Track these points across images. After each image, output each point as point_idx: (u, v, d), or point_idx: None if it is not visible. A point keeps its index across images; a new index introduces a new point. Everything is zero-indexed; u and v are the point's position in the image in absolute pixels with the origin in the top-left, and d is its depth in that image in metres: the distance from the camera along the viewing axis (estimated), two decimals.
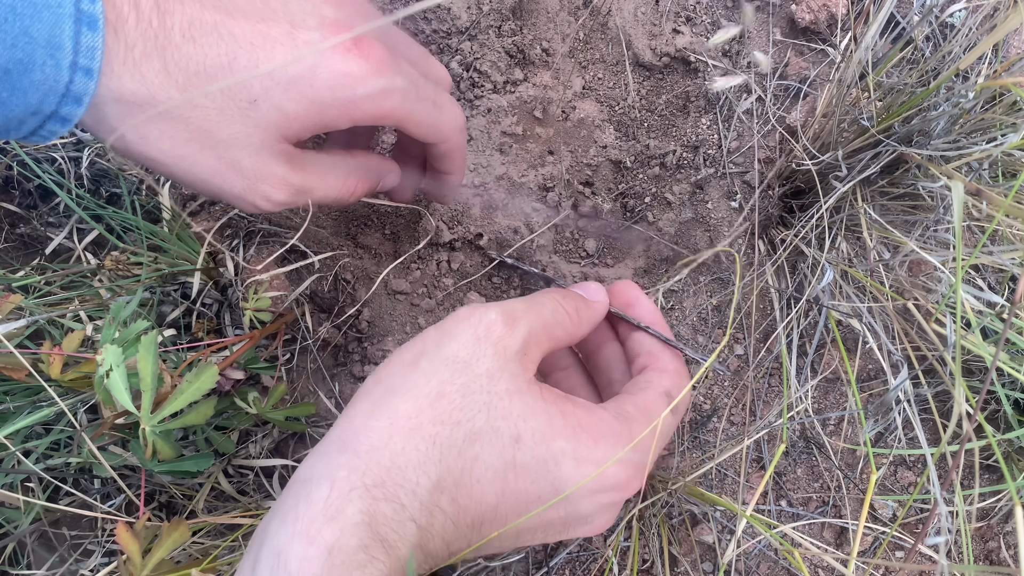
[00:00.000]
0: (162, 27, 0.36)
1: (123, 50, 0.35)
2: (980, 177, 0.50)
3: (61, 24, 0.33)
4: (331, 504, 0.32)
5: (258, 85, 0.38)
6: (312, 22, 0.39)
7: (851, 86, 0.53)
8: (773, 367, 0.63)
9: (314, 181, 0.44)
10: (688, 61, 0.64)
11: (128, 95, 0.36)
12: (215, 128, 0.38)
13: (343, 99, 0.39)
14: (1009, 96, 0.50)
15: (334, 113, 0.40)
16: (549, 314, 0.43)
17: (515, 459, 0.37)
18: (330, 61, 0.38)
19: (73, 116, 0.36)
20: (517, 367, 0.39)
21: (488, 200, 0.62)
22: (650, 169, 0.64)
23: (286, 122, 0.39)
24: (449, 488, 0.36)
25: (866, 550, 0.64)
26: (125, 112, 0.37)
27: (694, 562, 0.61)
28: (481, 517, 0.37)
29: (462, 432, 0.36)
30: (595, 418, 0.40)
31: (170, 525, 0.42)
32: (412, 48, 0.47)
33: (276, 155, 0.41)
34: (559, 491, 0.38)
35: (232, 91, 0.38)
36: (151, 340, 0.40)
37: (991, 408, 0.63)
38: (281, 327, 0.58)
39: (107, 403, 0.41)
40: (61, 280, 0.57)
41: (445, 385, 0.37)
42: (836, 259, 0.56)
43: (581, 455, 0.38)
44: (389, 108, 0.41)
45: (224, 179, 0.40)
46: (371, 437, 0.35)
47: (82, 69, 0.35)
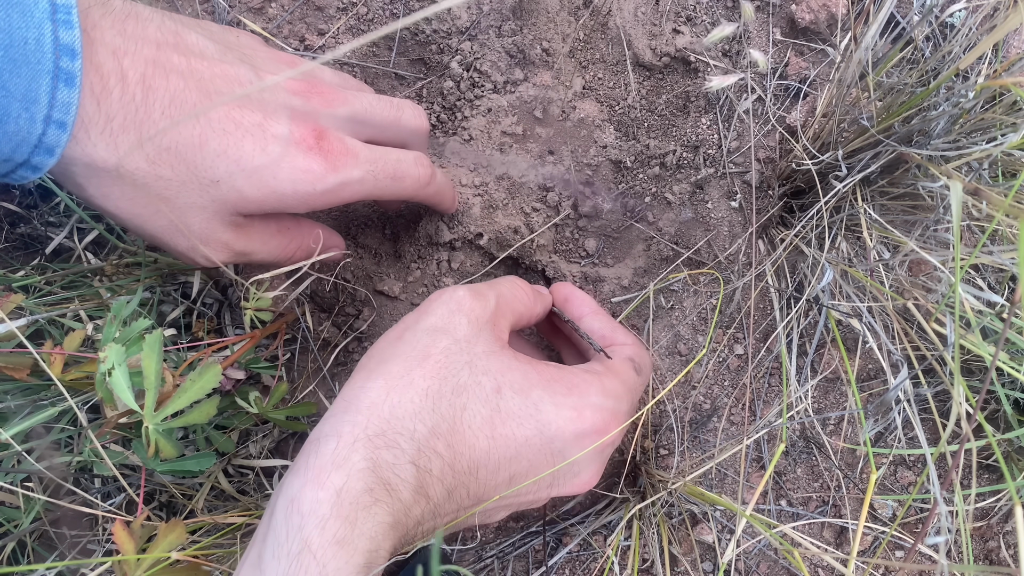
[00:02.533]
0: (144, 102, 0.38)
1: (103, 120, 0.37)
2: (980, 177, 0.50)
3: (39, 80, 0.35)
4: (338, 454, 0.36)
5: (222, 168, 0.41)
6: (282, 115, 0.43)
7: (851, 86, 0.53)
8: (773, 367, 0.63)
9: (256, 246, 0.47)
10: (688, 61, 0.64)
11: (99, 161, 0.38)
12: (174, 197, 0.41)
13: (303, 193, 0.43)
14: (1009, 96, 0.50)
15: (293, 203, 0.44)
16: (508, 292, 0.49)
17: (499, 406, 0.41)
18: (293, 157, 0.42)
19: (44, 165, 0.38)
20: (490, 333, 0.44)
21: (488, 200, 0.62)
22: (650, 169, 0.64)
23: (243, 202, 0.43)
24: (444, 434, 0.39)
25: (866, 550, 0.64)
26: (92, 174, 0.39)
27: (694, 561, 0.61)
28: (476, 462, 0.40)
29: (449, 385, 0.40)
30: (566, 372, 0.46)
31: (167, 526, 0.42)
32: (384, 115, 0.50)
33: (225, 223, 0.44)
34: (543, 433, 0.42)
35: (197, 169, 0.40)
36: (156, 338, 0.40)
37: (991, 408, 0.63)
38: (282, 327, 0.58)
39: (108, 402, 0.41)
40: (61, 280, 0.57)
41: (429, 348, 0.42)
42: (836, 259, 0.56)
43: (558, 401, 0.43)
44: (347, 197, 0.46)
45: (172, 238, 0.43)
46: (370, 396, 0.39)
47: (56, 122, 0.36)
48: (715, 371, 0.63)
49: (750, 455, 0.63)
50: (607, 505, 0.62)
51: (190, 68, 0.40)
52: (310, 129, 0.43)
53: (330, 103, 0.46)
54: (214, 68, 0.41)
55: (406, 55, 0.65)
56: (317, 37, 0.63)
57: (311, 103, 0.45)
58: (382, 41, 0.64)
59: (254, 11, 0.63)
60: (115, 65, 0.37)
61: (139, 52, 0.38)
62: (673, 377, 0.63)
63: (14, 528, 0.52)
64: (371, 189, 0.47)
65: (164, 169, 0.40)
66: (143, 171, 0.39)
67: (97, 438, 0.43)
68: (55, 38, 0.35)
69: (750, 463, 0.63)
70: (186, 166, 0.40)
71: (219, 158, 0.40)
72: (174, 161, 0.40)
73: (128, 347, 0.43)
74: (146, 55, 0.38)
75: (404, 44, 0.64)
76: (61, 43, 0.35)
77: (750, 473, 0.63)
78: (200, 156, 0.40)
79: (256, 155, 0.41)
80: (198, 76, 0.40)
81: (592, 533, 0.61)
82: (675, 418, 0.62)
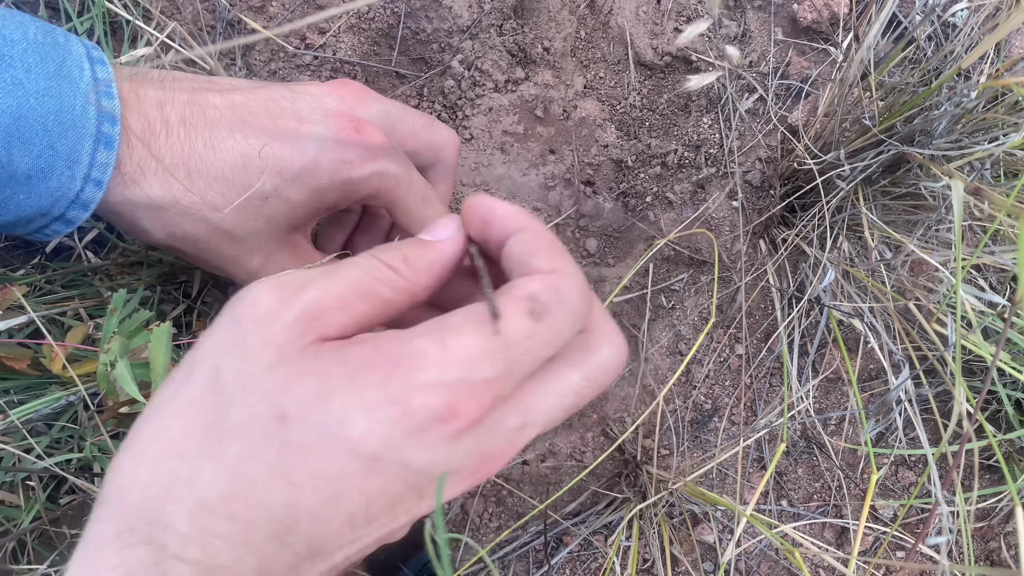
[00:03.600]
0: (188, 139, 0.41)
1: (154, 162, 0.41)
2: (982, 177, 0.50)
3: (83, 142, 0.39)
4: (88, 564, 0.28)
5: (269, 184, 0.42)
6: (317, 116, 0.44)
7: (853, 85, 0.53)
8: (774, 367, 0.63)
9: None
10: (690, 60, 0.64)
11: (157, 199, 0.41)
12: (231, 227, 0.43)
13: (340, 182, 0.44)
14: (1011, 96, 0.50)
15: (333, 196, 0.45)
16: (360, 273, 0.33)
17: (287, 442, 0.29)
18: (331, 150, 0.43)
19: (78, 220, 0.41)
20: (287, 337, 0.30)
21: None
22: (651, 168, 0.64)
23: (292, 211, 0.44)
24: (219, 507, 0.28)
25: (867, 550, 0.64)
26: (156, 214, 0.42)
27: (695, 561, 0.61)
28: (285, 525, 0.29)
29: (214, 435, 0.29)
30: (390, 345, 0.31)
31: None
32: (414, 119, 0.51)
33: (281, 245, 0.46)
34: (361, 454, 0.29)
35: (244, 190, 0.42)
36: (164, 330, 0.41)
37: (992, 408, 0.63)
38: None
39: (111, 394, 0.41)
40: (62, 279, 0.57)
41: (194, 389, 0.30)
42: (837, 259, 0.56)
43: (369, 399, 0.29)
44: (383, 189, 0.45)
45: (235, 267, 0.46)
46: (118, 477, 0.29)
47: (93, 181, 0.40)
48: (716, 371, 0.63)
49: (751, 455, 0.63)
50: (608, 505, 0.62)
51: (226, 100, 0.43)
52: (347, 120, 0.44)
53: (363, 100, 0.47)
54: (248, 94, 0.44)
55: (407, 54, 0.65)
56: (318, 36, 0.63)
57: (346, 100, 0.46)
58: (383, 40, 0.64)
59: (254, 10, 0.63)
60: (159, 113, 0.41)
61: (178, 98, 0.42)
62: (674, 376, 0.63)
63: (14, 528, 0.52)
64: (403, 196, 0.47)
65: (216, 198, 0.42)
66: (197, 204, 0.42)
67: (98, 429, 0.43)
68: (98, 105, 0.39)
69: (751, 463, 0.63)
70: (235, 190, 0.42)
71: (263, 173, 0.42)
72: (223, 188, 0.42)
73: (130, 338, 0.43)
74: (184, 99, 0.42)
75: (405, 43, 0.64)
76: (104, 110, 0.39)
77: (751, 473, 0.63)
78: (245, 176, 0.42)
79: (296, 160, 0.42)
80: (234, 104, 0.43)
81: (593, 533, 0.61)
82: (676, 418, 0.62)
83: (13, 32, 0.37)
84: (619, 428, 0.62)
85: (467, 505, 0.61)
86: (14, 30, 0.37)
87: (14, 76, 0.36)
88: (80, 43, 0.40)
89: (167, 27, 0.61)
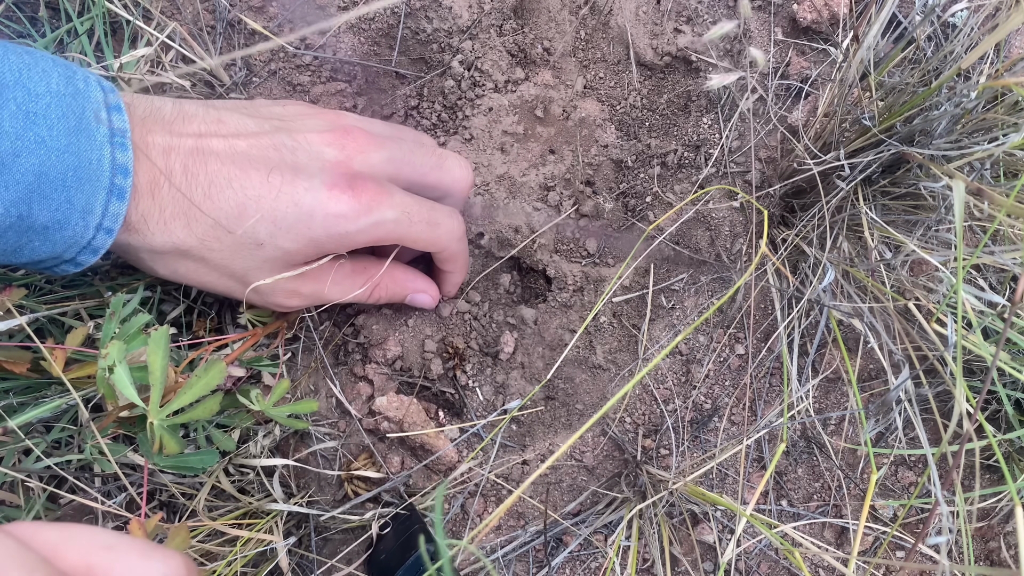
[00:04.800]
0: (188, 189, 0.43)
1: (157, 212, 0.43)
2: (982, 177, 0.50)
3: (97, 194, 0.40)
4: None
5: (263, 231, 0.45)
6: (315, 167, 0.45)
7: (853, 86, 0.53)
8: (774, 367, 0.63)
9: (327, 288, 0.51)
10: (690, 60, 0.64)
11: (159, 247, 0.44)
12: (230, 264, 0.46)
13: (337, 235, 0.46)
14: (1011, 96, 0.50)
15: (331, 246, 0.47)
16: None
17: None
18: (325, 204, 0.45)
19: (87, 262, 0.43)
20: None
21: (489, 199, 0.62)
22: (651, 168, 0.64)
23: (288, 256, 0.46)
24: None
25: (867, 550, 0.64)
26: (158, 257, 0.45)
27: (695, 562, 0.61)
28: None
29: None
30: None
31: (173, 530, 0.42)
32: (422, 161, 0.52)
33: (286, 272, 0.48)
34: None
35: (241, 237, 0.44)
36: (162, 335, 0.41)
37: (992, 408, 0.63)
38: (282, 326, 0.58)
39: (110, 398, 0.41)
40: (62, 279, 0.57)
41: None
42: (837, 259, 0.56)
43: None
44: (381, 236, 0.47)
45: (242, 294, 0.48)
46: None
47: (105, 229, 0.42)
48: (716, 371, 0.63)
49: (751, 455, 0.63)
50: (608, 505, 0.62)
51: (228, 147, 0.44)
52: (341, 174, 0.46)
53: (364, 149, 0.48)
54: (250, 141, 0.45)
55: (407, 54, 0.65)
56: (318, 36, 0.63)
57: (345, 150, 0.47)
58: (383, 40, 0.64)
59: (255, 10, 0.63)
60: (164, 163, 0.43)
61: (183, 146, 0.43)
62: (674, 376, 0.63)
63: None
64: (405, 231, 0.48)
65: (213, 243, 0.44)
66: (196, 248, 0.44)
67: (101, 431, 0.43)
68: (112, 159, 0.40)
69: (751, 463, 0.63)
70: (231, 237, 0.44)
71: (258, 223, 0.44)
72: (220, 234, 0.44)
73: (129, 342, 0.43)
74: (188, 147, 0.43)
75: (405, 43, 0.64)
76: (117, 163, 0.41)
77: (751, 473, 0.63)
78: (240, 224, 0.44)
79: (290, 211, 0.44)
80: (235, 153, 0.44)
81: (593, 533, 0.61)
82: (676, 418, 0.62)
83: (38, 84, 0.38)
84: (619, 428, 0.62)
85: (467, 505, 0.61)
86: (38, 82, 0.38)
87: (37, 134, 0.37)
88: (98, 86, 0.41)
89: (167, 27, 0.61)
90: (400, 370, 0.61)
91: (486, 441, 0.61)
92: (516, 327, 0.62)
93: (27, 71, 0.37)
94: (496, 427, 0.61)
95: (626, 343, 0.63)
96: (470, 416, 0.61)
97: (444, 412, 0.61)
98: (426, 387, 0.61)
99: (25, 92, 0.37)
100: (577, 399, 0.62)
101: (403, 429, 0.58)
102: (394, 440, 0.60)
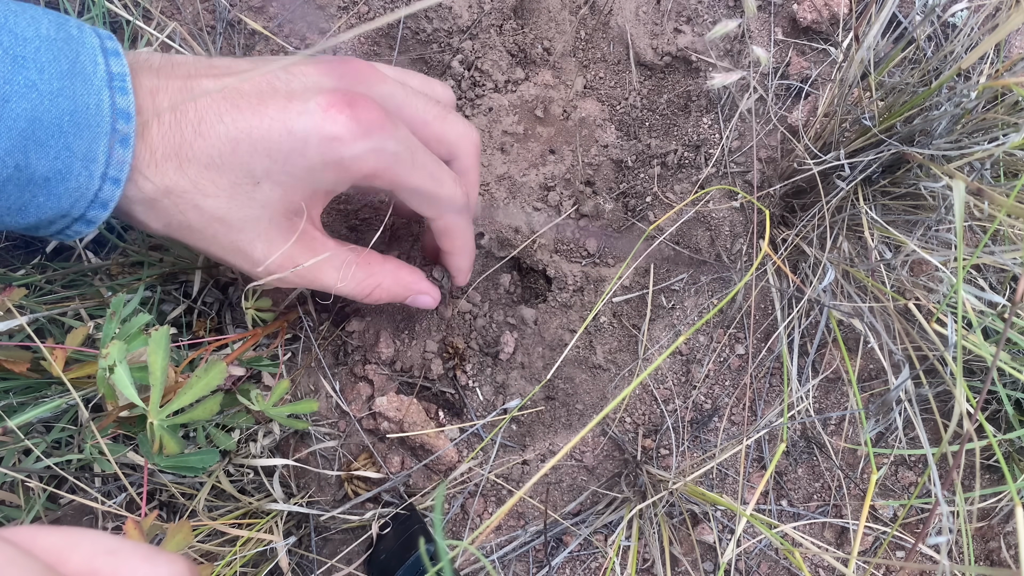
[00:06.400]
0: (177, 128, 0.40)
1: (148, 155, 0.40)
2: (982, 177, 0.50)
3: (98, 141, 0.38)
4: None
5: (259, 166, 0.41)
6: (309, 94, 0.42)
7: (853, 85, 0.53)
8: (774, 367, 0.63)
9: (324, 267, 0.47)
10: (690, 60, 0.64)
11: (150, 193, 0.40)
12: (226, 214, 0.42)
13: (332, 161, 0.41)
14: (1011, 96, 0.50)
15: (328, 176, 0.42)
16: None
17: None
18: (320, 126, 0.41)
19: (98, 219, 0.40)
20: None
21: (489, 199, 0.62)
22: (651, 168, 0.64)
23: (287, 195, 0.43)
24: None
25: (867, 550, 0.64)
26: (151, 208, 0.41)
27: (695, 562, 0.61)
28: None
29: None
30: None
31: (175, 527, 0.42)
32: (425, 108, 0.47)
33: (283, 232, 0.44)
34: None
35: (236, 175, 0.41)
36: (162, 335, 0.41)
37: (992, 408, 0.63)
38: (283, 325, 0.58)
39: (110, 398, 0.41)
40: (62, 279, 0.57)
41: None
42: (837, 259, 0.56)
43: None
44: (379, 169, 0.43)
45: (237, 258, 0.44)
46: None
47: (111, 179, 0.39)
48: (716, 371, 0.63)
49: (751, 455, 0.63)
50: (608, 505, 0.62)
51: (219, 84, 0.42)
52: (339, 96, 0.41)
53: (365, 78, 0.44)
54: (242, 76, 0.42)
55: (407, 53, 0.65)
56: (318, 36, 0.63)
57: (344, 79, 0.43)
58: (383, 40, 0.64)
59: (255, 10, 0.63)
60: (151, 103, 0.40)
61: (171, 86, 0.41)
62: (674, 376, 0.63)
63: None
64: (406, 173, 0.44)
65: (208, 186, 0.41)
66: (190, 192, 0.41)
67: (100, 431, 0.43)
68: (113, 103, 0.38)
69: (751, 463, 0.63)
70: (226, 177, 0.41)
71: (252, 157, 0.41)
72: (214, 176, 0.41)
73: (129, 342, 0.43)
74: (176, 86, 0.41)
75: (405, 43, 0.64)
76: (118, 107, 0.38)
77: (751, 473, 0.63)
78: (234, 161, 0.41)
79: (285, 141, 0.41)
80: (226, 88, 0.41)
81: (593, 533, 0.61)
82: (676, 418, 0.62)
83: (25, 29, 0.36)
84: (619, 428, 0.62)
85: (467, 505, 0.61)
86: (26, 27, 0.36)
87: (27, 78, 0.35)
88: (94, 33, 0.39)
89: (167, 27, 0.61)
90: (400, 370, 0.61)
91: (486, 441, 0.61)
92: (516, 327, 0.62)
93: (14, 17, 0.36)
94: (496, 427, 0.61)
95: (626, 343, 0.63)
96: (470, 416, 0.61)
97: (444, 412, 0.61)
98: (426, 387, 0.61)
99: (12, 36, 0.35)
100: (577, 399, 0.62)
101: (403, 429, 0.58)
102: (394, 440, 0.60)
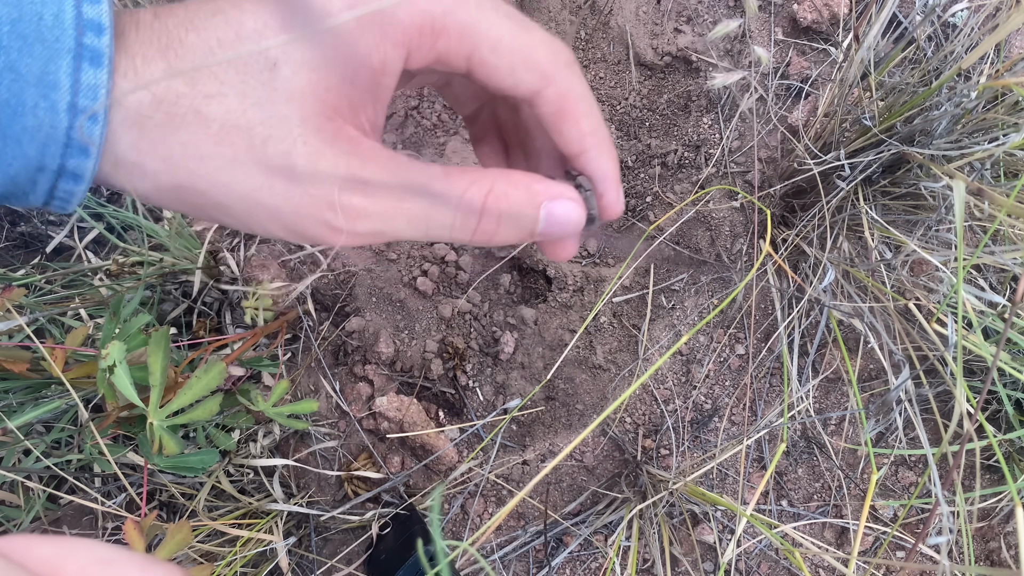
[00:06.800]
0: (162, 27, 0.31)
1: (125, 60, 0.31)
2: (982, 177, 0.50)
3: (57, 60, 0.29)
4: None
5: (272, 44, 0.30)
6: None
7: (853, 86, 0.53)
8: (774, 367, 0.63)
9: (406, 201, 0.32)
10: (690, 60, 0.64)
11: (136, 111, 0.31)
12: (241, 119, 0.31)
13: (368, 17, 0.30)
14: (1011, 96, 0.50)
15: (368, 40, 0.30)
16: None
17: None
18: None
19: (83, 170, 0.31)
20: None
21: None
22: (651, 168, 0.64)
23: (319, 82, 0.31)
24: None
25: (867, 550, 0.64)
26: (144, 140, 0.31)
27: (695, 561, 0.61)
28: None
29: None
30: None
31: (175, 527, 0.42)
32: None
33: (330, 141, 0.31)
34: None
35: (248, 64, 0.30)
36: (162, 336, 0.40)
37: (992, 408, 0.63)
38: (283, 326, 0.58)
39: (110, 398, 0.41)
40: (62, 279, 0.57)
41: None
42: (837, 259, 0.56)
43: None
44: (442, 11, 0.30)
45: (272, 193, 0.31)
46: None
47: (83, 111, 0.30)
48: (716, 371, 0.63)
49: (751, 455, 0.63)
50: (608, 505, 0.62)
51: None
52: None
53: None
54: None
55: None
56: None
57: None
58: None
59: None
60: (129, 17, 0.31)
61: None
62: (674, 377, 0.63)
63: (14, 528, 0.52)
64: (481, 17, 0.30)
65: (210, 83, 0.31)
66: (188, 96, 0.31)
67: (100, 431, 0.43)
68: (78, 12, 0.29)
69: (751, 463, 0.63)
70: (233, 67, 0.31)
71: (262, 34, 0.30)
72: (216, 69, 0.31)
73: (129, 343, 0.43)
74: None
75: None
76: (85, 18, 0.29)
77: (751, 473, 0.63)
78: (240, 45, 0.31)
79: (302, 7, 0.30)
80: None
81: (593, 533, 0.61)
82: (676, 418, 0.62)
83: None
84: (619, 428, 0.62)
85: (467, 505, 0.61)
86: None
87: None
88: None
89: None
90: (400, 370, 0.60)
91: (486, 441, 0.61)
92: (516, 327, 0.62)
93: None
94: (496, 427, 0.61)
95: (626, 343, 0.63)
96: (470, 416, 0.61)
97: (444, 412, 0.61)
98: (426, 387, 0.61)
99: None
100: (577, 399, 0.62)
101: (403, 429, 0.58)
102: (394, 440, 0.60)
